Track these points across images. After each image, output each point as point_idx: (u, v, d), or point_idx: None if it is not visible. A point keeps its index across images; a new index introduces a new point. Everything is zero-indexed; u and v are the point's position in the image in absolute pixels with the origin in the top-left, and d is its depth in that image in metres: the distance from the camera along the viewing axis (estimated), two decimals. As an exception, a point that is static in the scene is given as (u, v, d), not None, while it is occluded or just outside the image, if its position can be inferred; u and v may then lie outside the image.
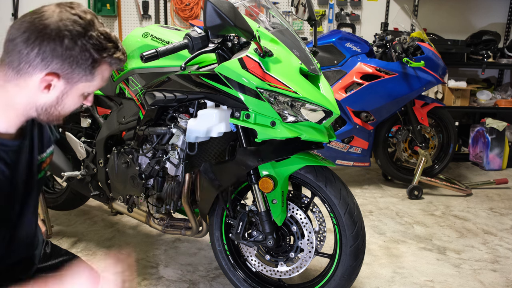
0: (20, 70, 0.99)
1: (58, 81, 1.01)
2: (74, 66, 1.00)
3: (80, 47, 0.99)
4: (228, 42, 1.68)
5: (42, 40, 0.96)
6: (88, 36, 0.99)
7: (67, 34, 0.97)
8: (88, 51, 1.00)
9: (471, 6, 5.01)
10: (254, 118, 1.65)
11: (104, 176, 2.29)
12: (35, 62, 0.97)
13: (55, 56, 0.97)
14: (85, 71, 1.02)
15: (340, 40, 3.44)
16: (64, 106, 1.06)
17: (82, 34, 0.99)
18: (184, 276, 2.25)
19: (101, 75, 1.06)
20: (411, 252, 2.56)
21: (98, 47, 1.01)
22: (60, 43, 0.97)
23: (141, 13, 4.76)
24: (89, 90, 1.07)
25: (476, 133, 4.39)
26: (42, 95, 1.02)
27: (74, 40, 0.98)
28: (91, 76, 1.04)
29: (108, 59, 1.04)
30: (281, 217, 1.78)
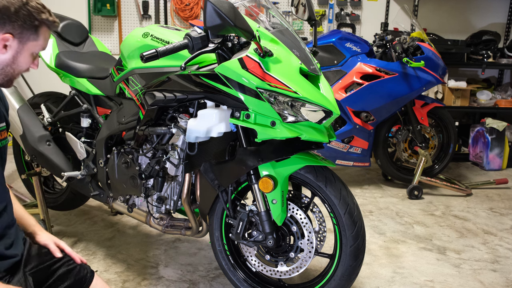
0: None
1: (13, 40, 1.26)
2: (24, 27, 1.27)
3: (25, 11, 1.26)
4: (228, 42, 1.68)
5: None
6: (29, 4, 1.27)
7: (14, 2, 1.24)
8: (32, 15, 1.27)
9: (471, 6, 5.01)
10: (254, 118, 1.65)
11: (104, 176, 2.29)
12: None
13: (7, 20, 1.24)
14: (32, 31, 1.29)
15: (340, 40, 3.44)
16: (18, 64, 1.30)
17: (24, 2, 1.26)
18: (184, 276, 2.25)
19: (44, 35, 1.32)
20: (411, 252, 2.56)
21: (38, 12, 1.29)
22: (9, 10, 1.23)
23: (141, 13, 4.76)
24: (36, 49, 1.32)
25: (476, 133, 4.39)
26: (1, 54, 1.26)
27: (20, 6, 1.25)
28: (36, 35, 1.30)
29: (47, 21, 1.31)
30: (281, 217, 1.78)
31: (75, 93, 2.47)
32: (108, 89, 2.28)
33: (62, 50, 2.53)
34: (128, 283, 2.17)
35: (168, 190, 2.07)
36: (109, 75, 2.27)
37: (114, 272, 2.27)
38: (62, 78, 2.51)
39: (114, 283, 2.16)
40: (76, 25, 2.67)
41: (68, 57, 2.44)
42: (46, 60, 2.51)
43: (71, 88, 2.51)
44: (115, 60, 2.46)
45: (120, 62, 2.15)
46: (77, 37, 2.64)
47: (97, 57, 2.55)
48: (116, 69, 2.18)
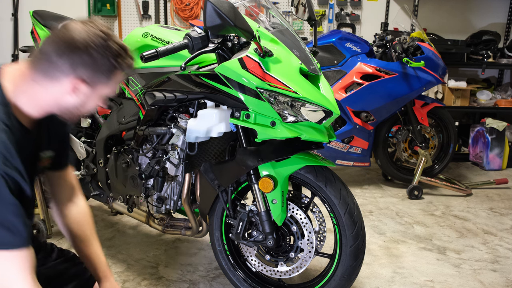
0: (49, 75, 1.15)
1: (84, 85, 1.18)
2: (97, 73, 1.17)
3: (102, 57, 1.16)
4: (228, 42, 1.68)
5: (71, 51, 1.13)
6: (108, 47, 1.16)
7: (92, 46, 1.14)
8: (108, 60, 1.17)
9: (471, 6, 5.01)
10: (254, 118, 1.65)
11: (104, 176, 2.29)
12: (64, 70, 1.14)
13: (81, 64, 1.14)
14: (105, 76, 1.19)
15: (340, 40, 3.44)
16: (86, 107, 1.24)
17: (104, 46, 1.16)
18: (184, 276, 2.25)
19: (116, 79, 1.23)
20: (411, 252, 2.56)
21: (116, 56, 1.18)
22: (86, 53, 1.14)
23: (141, 13, 4.76)
24: (106, 92, 1.25)
25: (476, 133, 4.39)
26: (68, 98, 1.19)
27: (98, 51, 1.15)
28: (109, 80, 1.21)
29: (123, 66, 1.22)
30: (281, 217, 1.78)
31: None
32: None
33: (62, 50, 2.53)
34: (128, 283, 2.17)
35: (168, 190, 2.07)
36: (109, 75, 2.26)
37: (114, 272, 2.27)
38: (62, 78, 2.51)
39: (114, 283, 2.16)
40: (76, 25, 2.67)
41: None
42: (46, 60, 2.50)
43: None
44: (115, 60, 2.45)
45: (120, 62, 2.15)
46: (77, 37, 2.64)
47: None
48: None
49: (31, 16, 2.68)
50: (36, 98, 1.19)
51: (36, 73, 1.16)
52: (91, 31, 1.16)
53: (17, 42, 4.65)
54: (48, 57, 1.14)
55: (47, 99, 1.19)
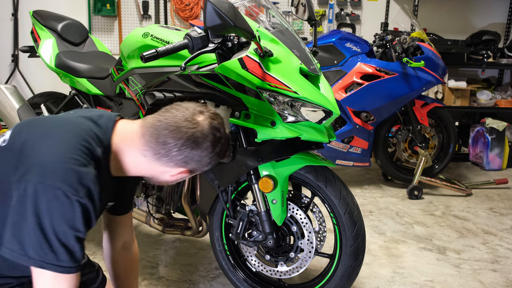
0: (160, 160, 1.21)
1: (186, 174, 1.27)
2: (202, 167, 1.25)
3: (212, 154, 1.23)
4: (228, 42, 1.68)
5: (192, 149, 1.19)
6: (219, 146, 1.23)
7: (209, 147, 1.21)
8: (215, 157, 1.24)
9: (471, 6, 5.01)
10: (254, 118, 1.65)
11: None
12: (177, 162, 1.21)
13: (194, 160, 1.21)
14: (207, 167, 1.27)
15: (340, 40, 3.44)
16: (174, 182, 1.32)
17: (217, 145, 1.22)
18: (184, 276, 2.25)
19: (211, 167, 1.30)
20: (411, 252, 2.56)
21: (222, 154, 1.26)
22: (201, 150, 1.20)
23: (141, 13, 4.76)
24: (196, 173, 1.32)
25: (476, 133, 4.39)
26: (168, 178, 1.27)
27: (212, 150, 1.22)
28: (206, 169, 1.28)
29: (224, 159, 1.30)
30: (281, 217, 1.78)
31: (75, 93, 2.47)
32: (108, 89, 2.28)
33: (62, 50, 2.53)
34: None
35: (168, 190, 2.07)
36: (109, 75, 2.27)
37: (114, 272, 2.27)
38: (62, 78, 2.51)
39: (114, 283, 2.16)
40: (76, 25, 2.67)
41: (68, 57, 2.44)
42: (46, 60, 2.51)
43: (71, 88, 2.51)
44: (115, 60, 2.46)
45: (120, 62, 2.15)
46: (77, 37, 2.65)
47: (97, 57, 2.55)
48: (116, 69, 2.18)
49: (31, 16, 2.68)
50: (137, 165, 1.24)
51: (148, 151, 1.20)
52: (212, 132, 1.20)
53: (17, 42, 4.65)
54: (166, 146, 1.18)
55: (147, 171, 1.25)
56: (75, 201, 1.08)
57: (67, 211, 1.07)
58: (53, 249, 1.07)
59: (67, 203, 1.07)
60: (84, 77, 2.37)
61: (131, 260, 1.59)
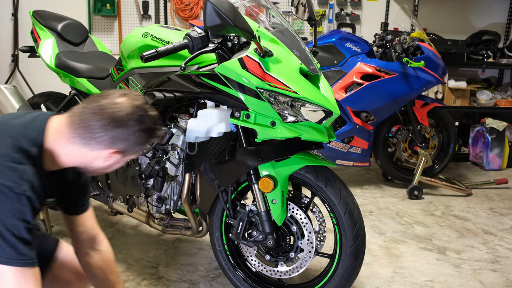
0: (88, 144, 1.24)
1: (117, 155, 1.29)
2: (132, 146, 1.28)
3: (140, 132, 1.26)
4: (228, 42, 1.68)
5: (114, 128, 1.22)
6: (146, 124, 1.27)
7: (133, 124, 1.24)
8: (144, 135, 1.28)
9: (471, 6, 5.01)
10: (254, 118, 1.65)
11: (104, 176, 2.30)
12: (104, 142, 1.24)
13: (121, 139, 1.24)
14: (136, 148, 1.30)
15: (340, 40, 3.44)
16: (109, 169, 1.34)
17: (142, 122, 1.26)
18: (184, 276, 2.25)
19: (145, 147, 1.34)
20: (411, 252, 2.56)
21: (150, 132, 1.29)
22: (127, 129, 1.24)
23: (141, 13, 4.76)
24: (133, 157, 1.36)
25: (476, 133, 4.39)
26: (99, 163, 1.29)
27: (137, 128, 1.25)
28: (139, 150, 1.32)
29: (155, 138, 1.34)
30: (281, 217, 1.78)
31: (75, 93, 2.47)
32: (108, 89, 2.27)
33: (62, 50, 2.53)
34: (128, 283, 2.17)
35: (168, 190, 2.07)
36: (109, 75, 2.27)
37: (114, 272, 2.27)
38: (62, 78, 2.51)
39: (114, 283, 2.16)
40: (76, 25, 2.67)
41: (68, 57, 2.44)
42: (46, 60, 2.51)
43: (71, 88, 2.51)
44: (115, 60, 2.46)
45: (120, 62, 2.15)
46: (77, 37, 2.64)
47: (97, 57, 2.55)
48: (116, 69, 2.18)
49: (31, 16, 2.68)
50: (68, 155, 1.27)
51: (75, 138, 1.24)
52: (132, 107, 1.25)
53: (17, 42, 4.65)
54: (90, 128, 1.22)
55: (79, 159, 1.28)
56: (21, 195, 1.14)
57: (15, 206, 1.13)
58: (11, 244, 1.12)
59: (14, 198, 1.13)
60: (84, 77, 2.37)
61: (104, 260, 1.55)
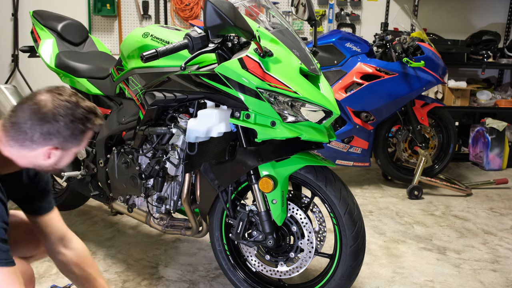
0: (24, 145, 1.25)
1: (57, 151, 1.29)
2: (68, 139, 1.28)
3: (72, 124, 1.27)
4: (228, 42, 1.68)
5: (42, 124, 1.23)
6: (77, 114, 1.27)
7: (62, 117, 1.25)
8: (78, 126, 1.28)
9: (471, 6, 5.01)
10: (254, 118, 1.65)
11: (104, 176, 2.29)
12: (38, 140, 1.25)
13: (53, 134, 1.25)
14: (76, 140, 1.30)
15: (340, 40, 3.44)
16: (59, 165, 1.35)
17: (72, 114, 1.26)
18: (184, 276, 2.25)
19: (87, 138, 1.35)
20: (411, 252, 2.56)
21: (84, 121, 1.29)
22: (56, 124, 1.24)
23: (141, 13, 4.76)
24: (79, 150, 1.36)
25: (476, 133, 4.39)
26: (43, 162, 1.30)
27: (67, 120, 1.26)
28: (80, 141, 1.32)
29: (92, 127, 1.34)
30: (281, 217, 1.78)
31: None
32: (108, 89, 2.28)
33: (62, 50, 2.53)
34: (128, 283, 2.17)
35: (168, 190, 2.07)
36: (109, 75, 2.27)
37: (114, 272, 2.27)
38: (62, 78, 2.51)
39: (114, 283, 2.16)
40: (76, 25, 2.67)
41: (68, 57, 2.44)
42: (46, 60, 2.51)
43: (71, 88, 2.50)
44: (115, 60, 2.46)
45: (120, 62, 2.15)
46: (77, 37, 2.65)
47: (97, 57, 2.55)
48: (116, 69, 2.18)
49: (31, 16, 2.68)
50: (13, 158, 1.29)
51: (12, 141, 1.26)
52: (57, 101, 1.26)
53: (17, 42, 4.65)
54: (21, 130, 1.24)
55: (24, 161, 1.30)
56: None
57: None
58: None
59: None
60: (84, 77, 2.37)
61: (78, 256, 1.56)
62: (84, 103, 1.31)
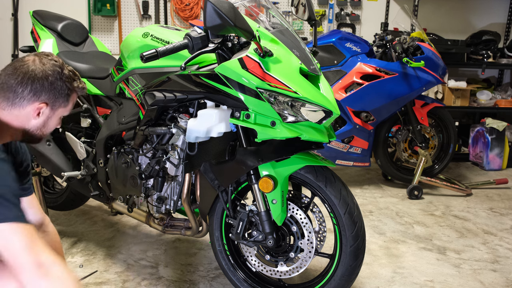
0: (15, 103, 1.33)
1: (46, 108, 1.37)
2: (57, 96, 1.37)
3: (60, 81, 1.37)
4: (228, 42, 1.68)
5: (32, 81, 1.32)
6: (63, 73, 1.38)
7: (50, 74, 1.35)
8: (65, 84, 1.38)
9: (471, 6, 5.01)
10: (254, 118, 1.65)
11: (104, 176, 2.29)
12: (28, 96, 1.33)
13: (43, 90, 1.34)
14: (63, 99, 1.39)
15: (340, 40, 3.44)
16: (47, 127, 1.42)
17: (59, 73, 1.37)
18: (184, 276, 2.25)
19: (72, 101, 1.44)
20: (411, 252, 2.56)
21: (70, 80, 1.40)
22: (45, 81, 1.34)
23: (141, 13, 4.76)
24: (65, 113, 1.44)
25: (476, 133, 4.39)
26: (33, 120, 1.37)
27: (55, 77, 1.36)
28: (67, 102, 1.41)
29: (77, 89, 1.43)
30: (281, 217, 1.78)
31: (75, 93, 2.46)
32: (108, 89, 2.28)
33: (62, 50, 2.53)
34: (128, 283, 2.17)
35: (168, 190, 2.07)
36: (109, 75, 2.27)
37: (114, 272, 2.27)
38: (62, 78, 2.51)
39: (114, 283, 2.16)
40: (76, 25, 2.67)
41: (68, 57, 2.44)
42: (46, 60, 2.50)
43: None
44: (115, 60, 2.46)
45: (120, 62, 2.15)
46: (77, 37, 2.64)
47: (97, 57, 2.55)
48: (116, 69, 2.18)
49: (31, 16, 2.68)
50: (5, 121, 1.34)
51: (3, 103, 1.32)
52: (45, 60, 1.35)
53: (17, 42, 4.65)
54: (11, 88, 1.32)
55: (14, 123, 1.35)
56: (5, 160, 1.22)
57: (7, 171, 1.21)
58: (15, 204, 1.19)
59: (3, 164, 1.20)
60: (84, 77, 2.36)
61: (51, 242, 1.60)
62: (69, 67, 1.41)
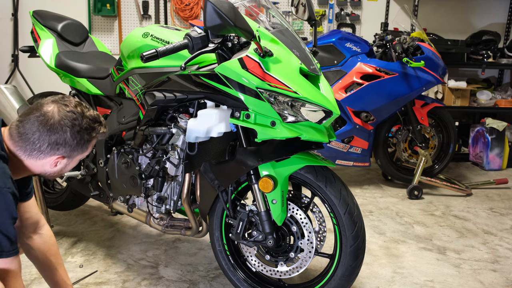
0: (32, 155, 1.35)
1: (63, 160, 1.39)
2: (75, 148, 1.38)
3: (78, 134, 1.36)
4: (228, 42, 1.68)
5: (50, 135, 1.32)
6: (82, 124, 1.37)
7: (68, 128, 1.34)
8: (84, 135, 1.38)
9: (471, 6, 5.01)
10: (254, 118, 1.65)
11: (104, 176, 2.29)
12: (46, 150, 1.34)
13: (60, 144, 1.34)
14: (82, 148, 1.40)
15: (340, 40, 3.44)
16: (65, 171, 1.46)
17: (78, 125, 1.36)
18: (184, 276, 2.25)
19: (92, 145, 1.45)
20: (411, 252, 2.56)
21: (90, 130, 1.39)
22: (64, 134, 1.34)
23: (141, 13, 4.76)
24: (83, 156, 1.46)
25: (476, 133, 4.39)
26: (49, 169, 1.40)
27: (74, 130, 1.35)
28: (86, 149, 1.42)
29: (97, 136, 1.44)
30: (281, 217, 1.78)
31: (75, 93, 2.47)
32: (108, 89, 2.28)
33: (62, 50, 2.53)
34: (128, 283, 2.17)
35: (168, 190, 2.07)
36: (109, 75, 2.27)
37: (114, 272, 2.27)
38: (62, 78, 2.51)
39: (114, 283, 2.16)
40: (76, 25, 2.67)
41: (68, 57, 2.44)
42: (46, 60, 2.50)
43: (71, 88, 2.51)
44: (115, 60, 2.46)
45: (120, 62, 2.15)
46: (77, 37, 2.64)
47: (97, 57, 2.55)
48: (116, 69, 2.18)
49: (31, 16, 2.68)
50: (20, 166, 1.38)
51: (20, 151, 1.35)
52: (63, 112, 1.34)
53: (17, 42, 4.65)
54: (29, 139, 1.32)
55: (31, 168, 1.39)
56: (7, 193, 1.23)
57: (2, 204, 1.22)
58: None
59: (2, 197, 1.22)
60: (84, 77, 2.37)
61: (45, 243, 1.64)
62: (88, 113, 1.40)
